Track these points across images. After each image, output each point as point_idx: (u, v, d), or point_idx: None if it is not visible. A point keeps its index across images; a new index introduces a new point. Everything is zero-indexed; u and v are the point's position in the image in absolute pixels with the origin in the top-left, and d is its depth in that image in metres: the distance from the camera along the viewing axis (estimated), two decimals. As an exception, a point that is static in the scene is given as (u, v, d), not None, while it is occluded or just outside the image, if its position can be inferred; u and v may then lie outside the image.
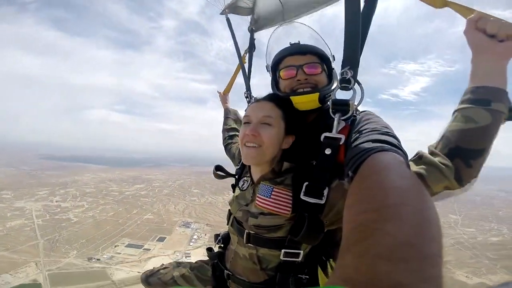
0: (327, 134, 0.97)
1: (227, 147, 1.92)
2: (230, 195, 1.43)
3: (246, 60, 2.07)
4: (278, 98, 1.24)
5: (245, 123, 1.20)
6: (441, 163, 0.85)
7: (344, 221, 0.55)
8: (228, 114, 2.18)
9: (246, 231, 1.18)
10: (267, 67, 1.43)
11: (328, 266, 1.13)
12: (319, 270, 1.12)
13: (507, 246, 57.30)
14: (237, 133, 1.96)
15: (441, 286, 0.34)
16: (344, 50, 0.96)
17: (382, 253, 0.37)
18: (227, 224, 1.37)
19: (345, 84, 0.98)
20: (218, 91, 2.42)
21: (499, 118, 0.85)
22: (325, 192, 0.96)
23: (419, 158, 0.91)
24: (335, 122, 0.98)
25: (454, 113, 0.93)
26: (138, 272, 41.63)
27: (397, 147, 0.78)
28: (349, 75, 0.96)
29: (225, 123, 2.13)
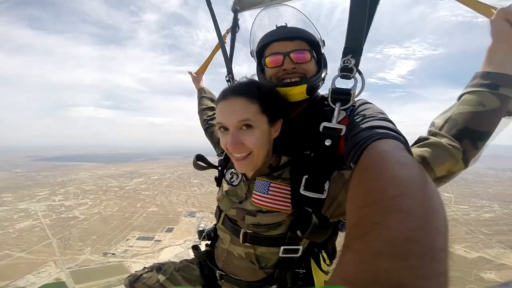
0: (326, 124, 0.90)
1: (207, 130, 1.74)
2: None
3: (228, 40, 1.83)
4: (248, 85, 1.05)
5: (221, 128, 1.04)
6: (448, 144, 0.84)
7: (346, 217, 0.53)
8: (203, 93, 2.01)
9: (243, 230, 1.09)
10: (251, 52, 1.32)
11: (321, 258, 1.12)
12: (312, 263, 1.10)
13: (499, 222, 60.02)
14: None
15: (446, 283, 0.32)
16: (347, 36, 0.89)
17: (382, 250, 0.36)
18: (217, 223, 1.28)
19: (346, 72, 0.92)
20: (189, 72, 2.17)
21: (506, 102, 0.86)
22: (326, 186, 0.91)
23: (423, 142, 0.89)
24: (336, 112, 0.92)
25: (461, 96, 0.93)
26: (155, 263, 42.72)
27: (396, 132, 0.76)
28: (351, 63, 0.90)
29: (200, 104, 1.95)
